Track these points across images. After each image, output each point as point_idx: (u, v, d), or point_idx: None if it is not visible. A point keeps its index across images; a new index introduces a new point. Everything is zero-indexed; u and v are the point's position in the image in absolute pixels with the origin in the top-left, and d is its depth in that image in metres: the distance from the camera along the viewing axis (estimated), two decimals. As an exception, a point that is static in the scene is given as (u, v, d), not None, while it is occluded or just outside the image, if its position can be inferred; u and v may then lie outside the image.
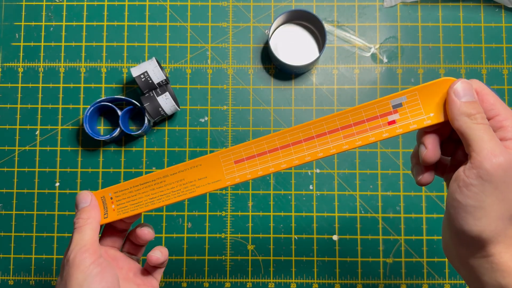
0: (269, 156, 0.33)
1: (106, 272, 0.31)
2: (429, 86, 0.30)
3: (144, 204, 0.34)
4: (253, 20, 0.57)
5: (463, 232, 0.28)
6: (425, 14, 0.57)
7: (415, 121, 0.30)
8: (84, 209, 0.34)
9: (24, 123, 0.56)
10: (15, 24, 0.57)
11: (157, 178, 0.34)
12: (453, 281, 0.53)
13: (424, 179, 0.32)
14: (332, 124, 0.31)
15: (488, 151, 0.27)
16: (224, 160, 0.33)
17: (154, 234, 0.35)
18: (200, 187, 0.34)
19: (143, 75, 0.51)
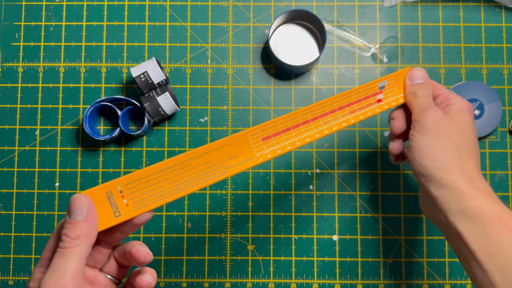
0: (294, 132, 0.35)
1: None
2: (399, 73, 0.39)
3: (169, 193, 0.30)
4: (253, 20, 0.57)
5: (422, 167, 0.36)
6: (425, 14, 0.57)
7: (394, 100, 0.39)
8: (77, 224, 0.27)
9: (24, 123, 0.56)
10: (15, 24, 0.57)
11: (181, 162, 0.31)
12: (453, 281, 0.53)
13: (395, 148, 0.41)
14: (340, 102, 0.37)
15: (419, 109, 0.37)
16: (253, 138, 0.33)
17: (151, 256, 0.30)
18: (232, 167, 0.32)
19: (143, 75, 0.51)
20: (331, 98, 0.37)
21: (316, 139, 0.36)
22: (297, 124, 0.35)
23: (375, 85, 0.38)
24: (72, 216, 0.27)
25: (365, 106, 0.38)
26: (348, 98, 0.37)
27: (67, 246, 0.26)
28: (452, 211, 0.34)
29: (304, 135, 0.36)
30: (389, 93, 0.39)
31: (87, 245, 0.27)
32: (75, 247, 0.26)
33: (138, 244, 0.30)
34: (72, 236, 0.26)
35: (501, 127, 0.55)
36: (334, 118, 0.37)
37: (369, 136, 0.55)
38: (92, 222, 0.27)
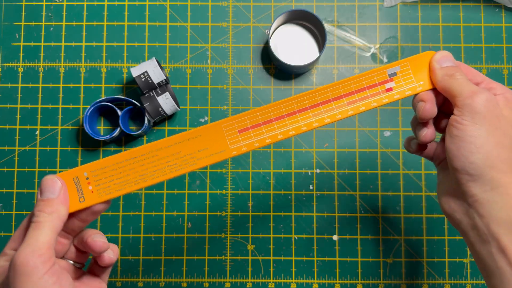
0: (276, 124, 0.32)
1: (62, 282, 0.26)
2: (417, 57, 0.34)
3: (133, 182, 0.30)
4: (253, 20, 0.57)
5: (470, 163, 0.29)
6: (425, 14, 0.57)
7: (409, 88, 0.33)
8: (50, 201, 0.28)
9: (24, 123, 0.56)
10: (15, 24, 0.57)
11: (148, 152, 0.30)
12: (453, 281, 0.53)
13: (428, 135, 0.34)
14: (336, 92, 0.33)
15: (469, 91, 0.30)
16: (227, 130, 0.31)
17: (108, 244, 0.30)
18: (202, 159, 0.31)
19: (143, 75, 0.51)
20: (324, 86, 0.33)
21: (303, 132, 0.32)
22: (281, 115, 0.32)
23: (383, 72, 0.33)
24: (44, 194, 0.28)
25: (369, 96, 0.33)
26: (347, 87, 0.33)
27: (41, 220, 0.27)
28: (498, 220, 0.29)
29: (288, 128, 0.32)
30: (403, 81, 0.33)
31: (59, 221, 0.28)
32: (49, 222, 0.27)
33: (94, 234, 0.30)
34: (46, 211, 0.27)
35: (501, 127, 0.55)
36: (327, 109, 0.32)
37: (369, 136, 0.55)
38: (64, 200, 0.28)
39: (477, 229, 0.30)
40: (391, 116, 0.55)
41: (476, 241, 0.30)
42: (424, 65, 0.34)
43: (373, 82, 0.33)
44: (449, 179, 0.33)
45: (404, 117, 0.55)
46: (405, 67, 0.34)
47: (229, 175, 0.55)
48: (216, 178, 0.55)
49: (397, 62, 0.33)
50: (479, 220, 0.30)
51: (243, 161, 0.55)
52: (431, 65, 0.33)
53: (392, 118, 0.55)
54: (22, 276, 0.24)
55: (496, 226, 0.29)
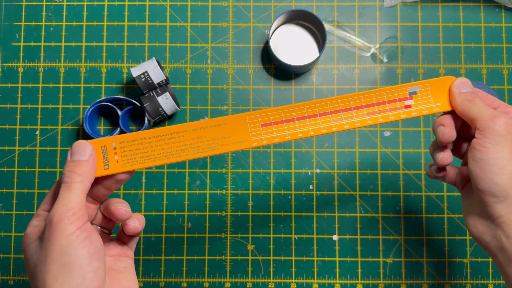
0: (297, 123, 0.34)
1: (93, 238, 0.28)
2: (438, 81, 0.35)
3: (156, 158, 0.32)
4: (253, 20, 0.57)
5: (496, 185, 0.31)
6: (425, 14, 0.57)
7: (427, 108, 0.35)
8: (81, 162, 0.30)
9: (24, 123, 0.56)
10: (15, 24, 0.57)
11: (175, 132, 0.32)
12: (453, 281, 0.53)
13: (444, 158, 0.35)
14: (357, 101, 0.35)
15: (489, 115, 0.32)
16: (251, 122, 0.33)
17: (131, 213, 0.32)
18: (224, 145, 0.33)
19: (143, 75, 0.51)
20: (347, 95, 0.35)
21: (322, 134, 0.34)
22: (303, 116, 0.34)
23: (404, 89, 0.35)
24: (75, 156, 0.30)
25: (388, 110, 0.35)
26: (368, 99, 0.35)
27: (72, 180, 0.29)
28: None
29: (308, 128, 0.34)
30: (422, 100, 0.35)
31: (88, 182, 0.30)
32: (79, 182, 0.29)
33: (118, 203, 0.32)
34: (77, 172, 0.29)
35: (501, 127, 0.55)
36: (347, 116, 0.35)
37: (369, 136, 0.55)
38: (93, 162, 0.30)
39: (505, 250, 0.31)
40: (391, 116, 0.55)
41: (505, 262, 0.31)
42: (443, 88, 0.35)
43: (393, 98, 0.35)
44: (475, 202, 0.34)
45: (404, 117, 0.55)
46: (425, 88, 0.35)
47: (229, 175, 0.55)
48: (216, 178, 0.55)
49: (419, 82, 0.35)
50: (506, 241, 0.30)
51: (243, 161, 0.55)
52: (451, 90, 0.35)
53: (392, 118, 0.55)
54: (57, 231, 0.27)
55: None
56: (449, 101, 0.35)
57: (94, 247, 0.28)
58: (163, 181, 0.55)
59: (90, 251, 0.27)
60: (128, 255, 0.34)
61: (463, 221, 0.54)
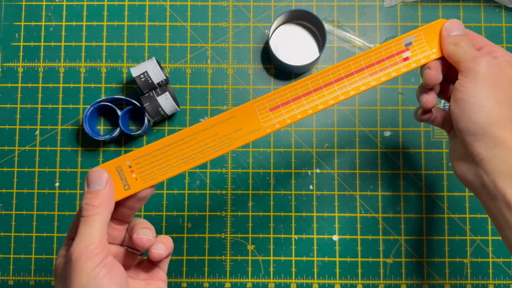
0: (304, 100, 0.33)
1: (113, 273, 0.27)
2: (430, 26, 0.35)
3: (175, 166, 0.31)
4: (253, 20, 0.57)
5: (473, 123, 0.31)
6: (425, 14, 0.57)
7: (424, 56, 0.35)
8: (97, 193, 0.29)
9: (24, 123, 0.56)
10: (15, 24, 0.57)
11: (186, 136, 0.31)
12: (453, 281, 0.53)
13: (429, 100, 0.36)
14: (358, 64, 0.34)
15: (471, 56, 0.32)
16: (259, 109, 0.33)
17: (154, 241, 0.31)
18: (238, 139, 0.32)
19: (143, 75, 0.51)
20: (346, 60, 0.34)
21: (330, 105, 0.33)
22: (308, 91, 0.33)
23: (400, 42, 0.35)
24: (92, 186, 0.29)
25: (388, 66, 0.35)
26: (367, 59, 0.34)
27: (90, 214, 0.28)
28: (503, 175, 0.30)
29: (316, 103, 0.33)
30: (418, 50, 0.35)
31: (108, 211, 0.29)
32: (97, 215, 0.28)
33: (140, 229, 0.31)
34: (94, 204, 0.28)
35: (501, 127, 0.55)
36: (351, 82, 0.34)
37: (369, 136, 0.55)
38: (110, 190, 0.29)
39: (486, 187, 0.31)
40: (391, 116, 0.55)
41: (487, 199, 0.32)
42: (436, 33, 0.35)
43: (391, 53, 0.35)
44: (459, 144, 0.34)
45: (404, 117, 0.55)
46: (419, 36, 0.35)
47: (229, 175, 0.55)
48: (216, 178, 0.55)
49: (412, 32, 0.35)
50: (486, 178, 0.31)
51: (243, 161, 0.55)
52: (441, 33, 0.35)
53: (392, 118, 0.55)
54: (77, 269, 0.26)
55: (501, 181, 0.30)
56: (439, 45, 0.35)
57: (115, 283, 0.27)
58: (163, 181, 0.55)
59: (112, 287, 0.27)
60: (160, 277, 0.33)
61: (463, 221, 0.54)
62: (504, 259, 0.53)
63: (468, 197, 0.54)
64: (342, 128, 0.55)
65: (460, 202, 0.54)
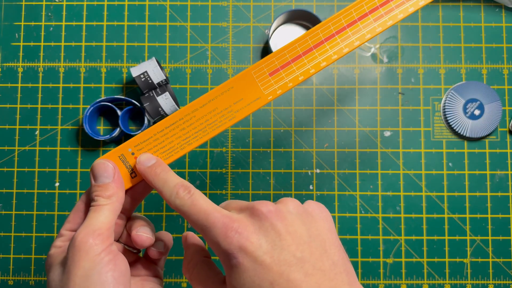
0: (305, 58, 0.31)
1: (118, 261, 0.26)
2: None
3: (179, 148, 0.30)
4: (253, 20, 0.57)
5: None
6: (425, 14, 0.56)
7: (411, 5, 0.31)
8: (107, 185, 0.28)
9: (23, 123, 0.56)
10: (14, 24, 0.57)
11: (185, 115, 0.30)
12: (453, 281, 0.53)
13: None
14: (361, 10, 0.31)
15: None
16: (258, 76, 0.31)
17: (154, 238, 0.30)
18: (240, 110, 0.30)
19: (143, 75, 0.51)
20: (346, 8, 0.31)
21: (334, 61, 0.30)
22: (309, 48, 0.30)
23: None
24: (100, 179, 0.28)
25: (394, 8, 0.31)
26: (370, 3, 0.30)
27: (101, 203, 0.27)
28: None
29: (318, 60, 0.30)
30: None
31: (119, 203, 0.28)
32: (109, 205, 0.27)
33: (140, 226, 0.30)
34: (105, 196, 0.27)
35: (501, 127, 0.55)
36: (355, 31, 0.30)
37: (369, 136, 0.55)
38: (120, 182, 0.29)
39: None
40: (391, 116, 0.55)
41: None
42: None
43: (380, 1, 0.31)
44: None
45: (404, 117, 0.55)
46: None
47: (229, 175, 0.55)
48: (216, 178, 0.55)
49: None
50: None
51: (243, 161, 0.55)
52: None
53: (392, 118, 0.55)
54: (80, 252, 0.25)
55: None
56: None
57: (119, 271, 0.26)
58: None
59: (115, 275, 0.25)
60: (157, 274, 0.32)
61: (463, 221, 0.54)
62: (504, 259, 0.53)
63: (468, 197, 0.54)
64: (342, 128, 0.55)
65: (460, 202, 0.54)
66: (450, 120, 0.54)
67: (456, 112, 0.54)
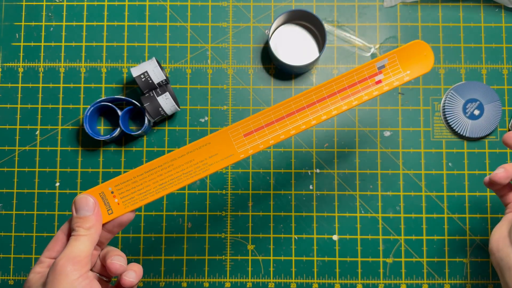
0: (277, 125, 0.34)
1: (93, 285, 0.29)
2: (404, 48, 0.35)
3: (154, 192, 0.33)
4: (253, 20, 0.57)
5: None
6: (425, 14, 0.57)
7: (397, 79, 0.35)
8: (87, 218, 0.31)
9: (24, 123, 0.56)
10: (15, 24, 0.57)
11: (164, 163, 0.33)
12: (453, 281, 0.53)
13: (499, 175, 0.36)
14: (330, 89, 0.35)
15: None
16: (233, 135, 0.34)
17: (126, 267, 0.32)
18: (213, 164, 0.33)
19: (143, 75, 0.51)
20: (318, 86, 0.34)
21: (302, 130, 0.34)
22: (281, 117, 0.34)
23: (373, 65, 0.35)
24: (81, 212, 0.31)
25: (360, 90, 0.35)
26: (339, 84, 0.35)
27: (82, 234, 0.30)
28: None
29: (289, 128, 0.34)
30: (391, 72, 0.35)
31: (97, 234, 0.31)
32: (88, 235, 0.31)
33: (114, 255, 0.32)
34: (85, 227, 0.31)
35: (501, 127, 0.55)
36: (323, 106, 0.34)
37: (369, 136, 0.55)
38: (98, 215, 0.32)
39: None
40: (391, 116, 0.55)
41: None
42: (410, 54, 0.35)
43: (363, 76, 0.35)
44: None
45: (404, 117, 0.55)
46: (393, 59, 0.35)
47: (229, 175, 0.55)
48: (216, 178, 0.55)
49: (385, 54, 0.35)
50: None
51: (243, 161, 0.55)
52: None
53: (392, 118, 0.55)
54: (60, 276, 0.28)
55: None
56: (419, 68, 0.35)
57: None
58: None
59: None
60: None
61: (463, 221, 0.54)
62: (504, 259, 0.53)
63: (467, 197, 0.54)
64: (342, 128, 0.55)
65: (460, 202, 0.54)
66: (450, 120, 0.54)
67: (455, 112, 0.54)
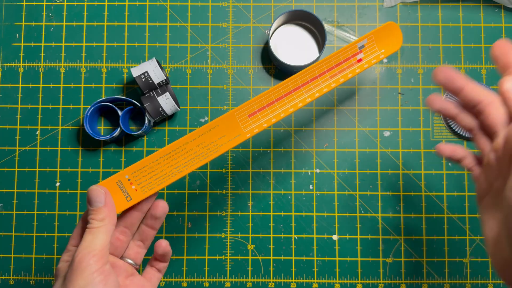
0: (277, 104, 0.37)
1: (108, 281, 0.30)
2: (380, 30, 0.39)
3: (170, 175, 0.35)
4: (253, 20, 0.57)
5: None
6: (425, 14, 0.57)
7: (374, 57, 0.40)
8: (100, 209, 0.32)
9: (24, 123, 0.56)
10: (15, 24, 0.57)
11: (178, 147, 0.35)
12: (452, 281, 0.53)
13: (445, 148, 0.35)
14: (320, 68, 0.38)
15: None
16: (239, 116, 0.36)
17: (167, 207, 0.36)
18: (223, 145, 0.36)
19: (143, 75, 0.51)
20: (311, 66, 0.38)
21: (299, 108, 0.37)
22: (280, 96, 0.37)
23: (355, 45, 0.39)
24: (94, 204, 0.33)
25: (345, 68, 0.39)
26: (329, 63, 0.38)
27: (95, 226, 0.32)
28: None
29: (287, 106, 0.37)
30: (369, 51, 0.39)
31: (111, 224, 0.32)
32: (102, 227, 0.32)
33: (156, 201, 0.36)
34: (98, 219, 0.32)
35: (500, 127, 0.55)
36: (316, 85, 0.38)
37: (369, 136, 0.55)
38: (111, 205, 0.33)
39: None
40: (391, 116, 0.55)
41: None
42: (385, 35, 0.40)
43: (347, 56, 0.39)
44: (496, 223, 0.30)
45: (403, 117, 0.55)
46: (371, 40, 0.39)
47: (229, 175, 0.55)
48: (216, 178, 0.55)
49: (365, 35, 0.39)
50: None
51: (243, 161, 0.55)
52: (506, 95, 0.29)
53: (392, 118, 0.55)
54: (77, 271, 0.30)
55: None
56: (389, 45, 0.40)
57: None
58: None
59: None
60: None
61: (463, 221, 0.54)
62: (504, 259, 0.53)
63: (467, 197, 0.54)
64: (342, 128, 0.55)
65: (460, 202, 0.54)
66: (450, 120, 0.54)
67: (455, 112, 0.54)
